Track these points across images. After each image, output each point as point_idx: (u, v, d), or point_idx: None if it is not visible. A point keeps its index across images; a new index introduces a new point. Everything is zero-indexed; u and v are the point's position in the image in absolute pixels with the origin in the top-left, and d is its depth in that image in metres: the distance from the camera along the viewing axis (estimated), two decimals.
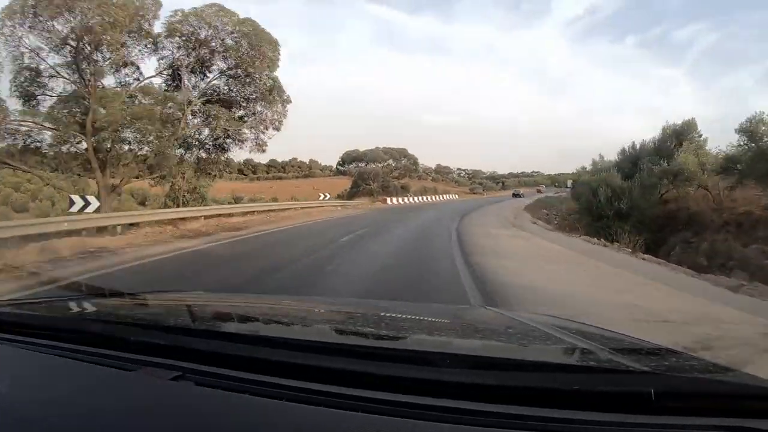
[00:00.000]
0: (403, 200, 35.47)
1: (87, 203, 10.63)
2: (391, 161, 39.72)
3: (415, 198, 39.10)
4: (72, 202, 10.72)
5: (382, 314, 1.40)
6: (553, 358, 0.93)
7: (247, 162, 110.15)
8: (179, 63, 12.78)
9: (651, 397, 0.61)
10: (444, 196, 48.91)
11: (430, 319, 1.37)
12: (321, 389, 0.68)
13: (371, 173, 37.88)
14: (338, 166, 40.55)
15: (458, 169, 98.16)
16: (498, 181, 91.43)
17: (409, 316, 1.37)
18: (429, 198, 42.62)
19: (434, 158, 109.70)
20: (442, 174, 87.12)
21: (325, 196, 24.88)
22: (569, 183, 66.56)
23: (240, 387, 0.69)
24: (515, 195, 55.31)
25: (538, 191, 68.56)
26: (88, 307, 1.25)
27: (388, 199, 33.43)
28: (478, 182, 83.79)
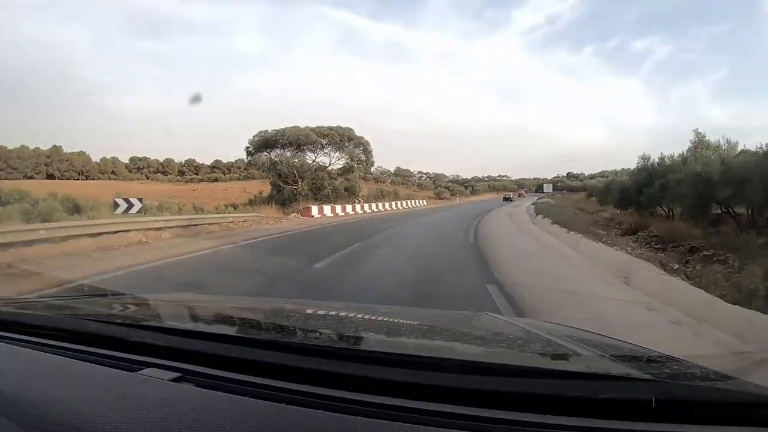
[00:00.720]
0: (344, 210, 21.88)
1: None
2: (329, 149, 25.85)
3: (367, 206, 25.54)
4: None
5: (384, 319, 1.41)
6: (554, 364, 0.89)
7: (190, 162, 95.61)
8: None
9: (651, 404, 0.61)
10: (408, 203, 36.06)
11: (431, 324, 1.36)
12: (321, 393, 0.68)
13: (294, 167, 24.00)
14: (248, 155, 25.90)
15: (419, 172, 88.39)
16: (467, 186, 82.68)
17: (410, 322, 1.38)
18: (388, 206, 29.28)
19: (394, 162, 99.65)
20: (402, 176, 76.61)
21: (130, 205, 10.54)
22: (546, 187, 64.81)
23: (241, 389, 0.69)
24: (506, 199, 48.70)
25: (520, 195, 63.73)
26: (90, 307, 1.23)
27: (316, 210, 19.49)
28: (443, 186, 73.78)
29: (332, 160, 26.32)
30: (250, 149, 25.32)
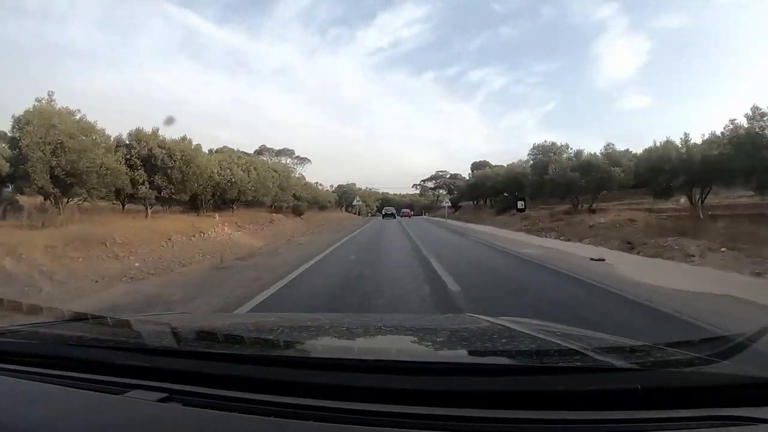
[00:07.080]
0: None
1: None
2: None
3: None
4: None
5: (368, 327, 1.40)
6: (539, 361, 0.88)
7: None
8: None
9: (638, 392, 0.62)
10: None
11: (415, 329, 1.36)
12: (309, 404, 0.68)
13: None
14: None
15: None
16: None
17: (394, 328, 1.37)
18: None
19: None
20: None
21: None
22: (446, 201, 40.54)
23: (228, 406, 0.68)
24: (388, 215, 37.93)
25: (407, 215, 45.93)
26: (72, 332, 1.20)
27: None
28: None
29: None
30: None
